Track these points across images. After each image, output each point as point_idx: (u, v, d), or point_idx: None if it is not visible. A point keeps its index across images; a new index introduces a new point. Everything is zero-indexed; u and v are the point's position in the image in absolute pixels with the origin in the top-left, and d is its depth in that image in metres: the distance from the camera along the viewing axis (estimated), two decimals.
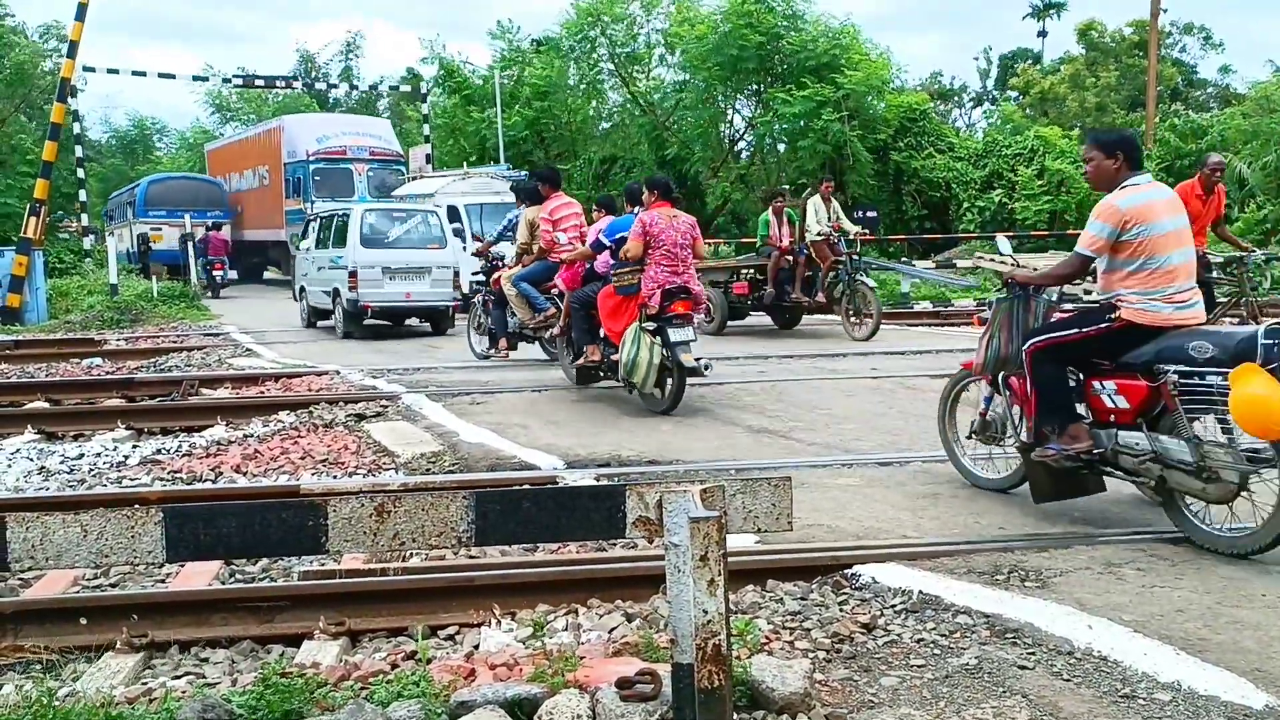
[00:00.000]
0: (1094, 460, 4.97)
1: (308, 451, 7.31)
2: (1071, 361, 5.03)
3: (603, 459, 6.63)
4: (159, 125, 57.59)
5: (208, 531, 2.87)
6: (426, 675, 3.38)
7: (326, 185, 26.63)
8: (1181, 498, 4.67)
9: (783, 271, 14.20)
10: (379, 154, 28.15)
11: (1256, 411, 4.13)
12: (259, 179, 30.38)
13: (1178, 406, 4.56)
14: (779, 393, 9.11)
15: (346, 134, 28.36)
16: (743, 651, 3.46)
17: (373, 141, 28.47)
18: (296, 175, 27.35)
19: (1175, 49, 47.40)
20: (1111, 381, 4.85)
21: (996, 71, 52.89)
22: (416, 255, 15.19)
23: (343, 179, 27.09)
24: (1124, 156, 4.90)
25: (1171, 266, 4.76)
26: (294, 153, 27.68)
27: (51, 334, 16.93)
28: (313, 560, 4.92)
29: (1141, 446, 4.72)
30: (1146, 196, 4.83)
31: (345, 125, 30.01)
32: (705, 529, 2.75)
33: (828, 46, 25.90)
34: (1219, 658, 3.40)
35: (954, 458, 5.99)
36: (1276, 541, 4.30)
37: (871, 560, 4.42)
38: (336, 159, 27.32)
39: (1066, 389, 5.03)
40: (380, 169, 27.72)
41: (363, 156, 27.70)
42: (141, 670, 3.95)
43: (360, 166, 27.44)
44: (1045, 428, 5.06)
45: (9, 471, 7.18)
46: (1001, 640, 3.61)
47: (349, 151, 27.56)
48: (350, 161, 27.39)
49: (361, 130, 29.48)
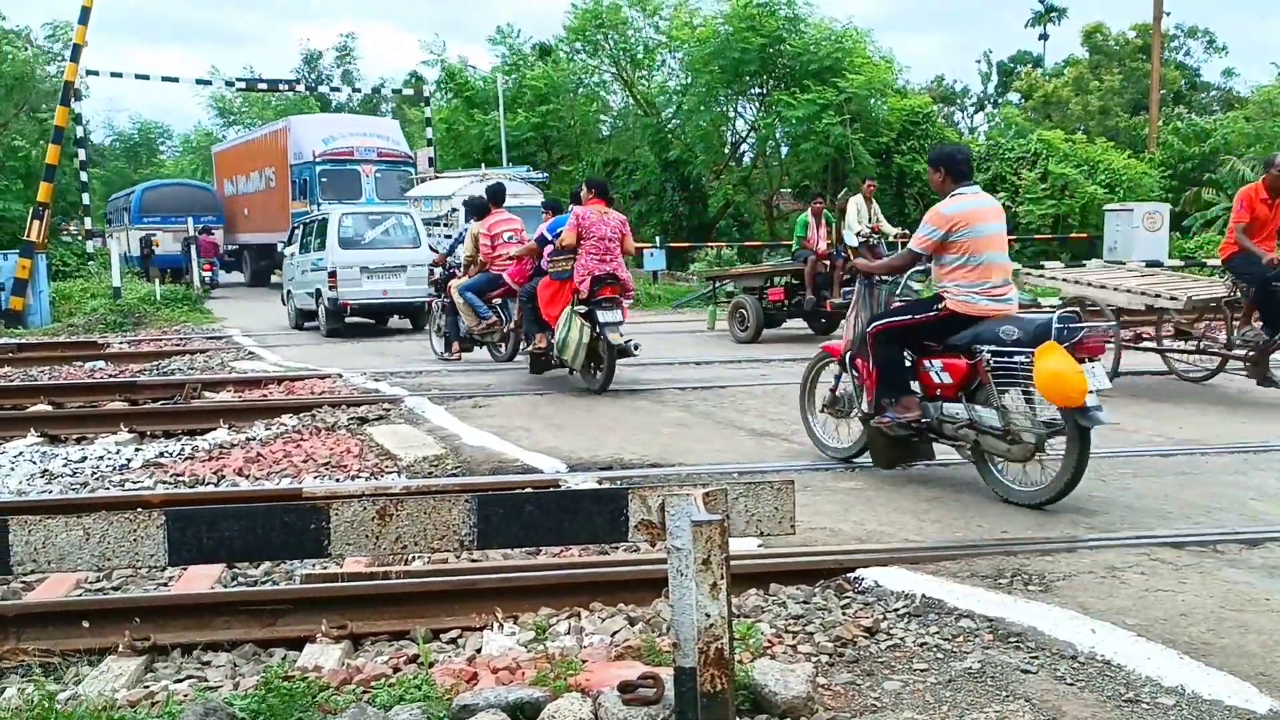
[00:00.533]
0: (923, 428, 5.81)
1: (310, 455, 7.31)
2: (906, 343, 5.87)
3: (605, 462, 6.63)
4: (162, 129, 57.69)
5: (210, 535, 2.87)
6: (429, 679, 3.38)
7: (333, 187, 26.10)
8: (991, 459, 5.56)
9: (820, 276, 13.64)
10: (387, 155, 27.48)
11: (1055, 382, 5.01)
12: (265, 181, 29.88)
13: (990, 381, 5.40)
14: (781, 396, 9.10)
15: (354, 134, 27.72)
16: (745, 655, 3.45)
17: (380, 142, 27.84)
18: (303, 177, 26.79)
19: (1179, 52, 47.35)
20: (939, 360, 5.71)
21: (997, 76, 52.89)
22: (392, 255, 16.12)
23: (350, 180, 26.48)
24: (945, 171, 5.77)
25: (989, 264, 5.61)
26: (300, 154, 27.10)
27: (54, 337, 16.94)
28: (315, 563, 4.91)
29: (961, 416, 5.59)
30: (970, 204, 5.67)
31: (352, 126, 29.30)
32: (708, 532, 2.75)
33: (830, 50, 25.88)
34: (1223, 662, 3.39)
35: (810, 430, 6.77)
36: (1062, 494, 5.23)
37: (874, 564, 4.42)
38: (344, 160, 26.65)
39: (902, 366, 5.87)
40: (389, 170, 27.11)
41: (370, 157, 27.02)
42: (143, 673, 3.95)
43: (368, 168, 26.81)
44: (883, 400, 5.86)
45: (12, 474, 7.18)
46: (1004, 644, 3.60)
47: (356, 152, 26.89)
48: (358, 163, 26.74)
49: (369, 131, 28.80)
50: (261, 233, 30.20)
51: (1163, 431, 7.32)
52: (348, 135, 27.41)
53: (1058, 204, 25.25)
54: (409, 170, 27.47)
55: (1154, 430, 7.37)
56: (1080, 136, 28.83)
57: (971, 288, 5.59)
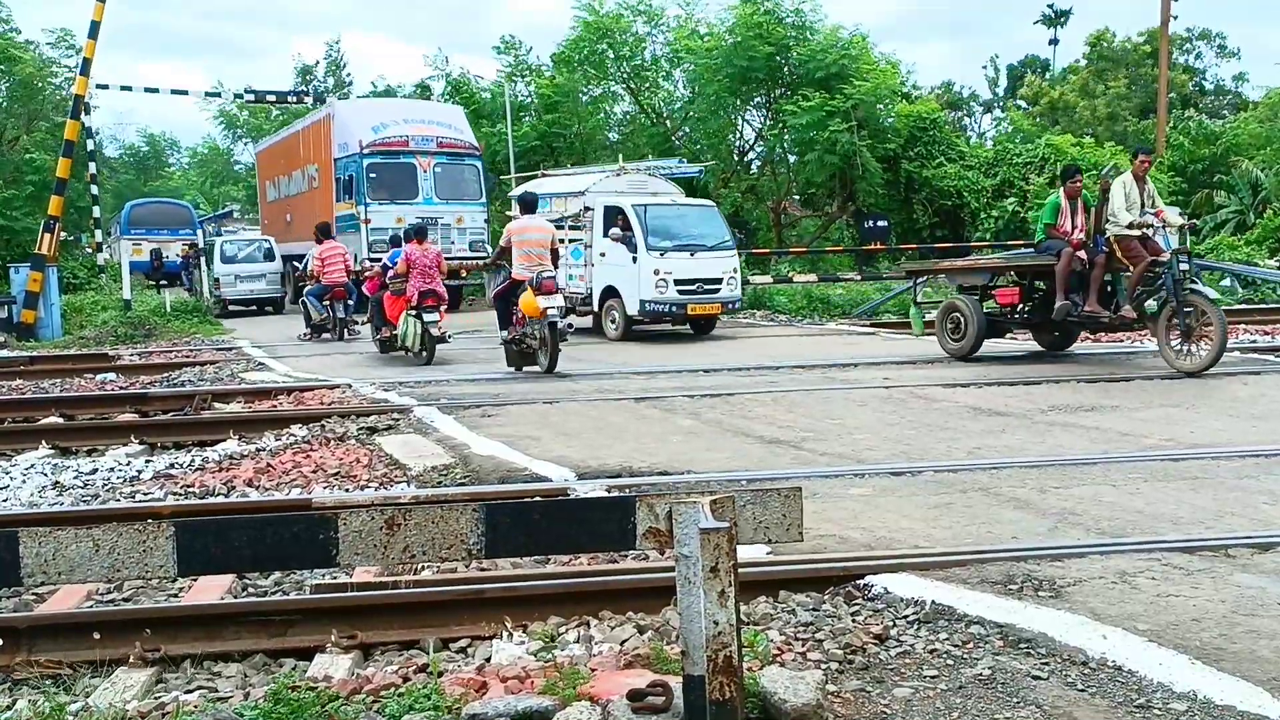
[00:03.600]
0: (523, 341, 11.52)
1: (320, 465, 7.33)
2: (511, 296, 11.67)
3: (614, 470, 6.63)
4: (170, 141, 58.04)
5: (220, 545, 2.88)
6: (438, 688, 3.38)
7: (384, 184, 22.22)
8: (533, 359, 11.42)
9: (1074, 275, 11.00)
10: (449, 145, 23.12)
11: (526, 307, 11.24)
12: (308, 180, 26.04)
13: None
14: (790, 403, 9.09)
15: (409, 121, 23.38)
16: (754, 663, 3.44)
17: (441, 130, 23.47)
18: (348, 173, 22.82)
19: (1189, 55, 47.26)
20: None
21: (1006, 81, 52.80)
22: (256, 267, 24.63)
23: (404, 177, 22.43)
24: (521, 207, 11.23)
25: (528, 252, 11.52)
26: (345, 145, 22.92)
27: (66, 349, 17.03)
28: (324, 573, 4.92)
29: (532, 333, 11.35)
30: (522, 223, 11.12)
31: (407, 111, 25.02)
32: (716, 540, 2.75)
33: (837, 57, 25.93)
34: (1235, 667, 3.37)
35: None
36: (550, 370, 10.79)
37: (884, 570, 4.40)
38: (397, 151, 22.45)
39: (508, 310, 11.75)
40: (451, 164, 23.01)
41: (428, 148, 22.75)
42: (154, 685, 3.95)
43: (425, 160, 22.60)
44: (503, 331, 11.84)
45: (23, 487, 7.21)
46: (1015, 650, 3.58)
47: (411, 142, 22.62)
48: (413, 154, 22.53)
49: (427, 117, 24.41)
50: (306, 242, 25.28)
51: (1173, 436, 7.29)
52: (401, 122, 23.23)
53: None
54: (476, 164, 23.62)
55: (1165, 435, 7.34)
56: (1089, 140, 28.78)
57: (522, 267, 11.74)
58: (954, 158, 27.89)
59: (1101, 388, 9.57)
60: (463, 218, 22.76)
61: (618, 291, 15.69)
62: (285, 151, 28.30)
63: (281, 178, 28.54)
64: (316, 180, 25.17)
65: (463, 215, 22.79)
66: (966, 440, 7.31)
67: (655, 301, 15.21)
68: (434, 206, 22.20)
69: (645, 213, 15.48)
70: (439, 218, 21.99)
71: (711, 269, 15.60)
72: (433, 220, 21.06)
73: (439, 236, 21.14)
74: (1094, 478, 6.08)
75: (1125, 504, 5.49)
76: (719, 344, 15.15)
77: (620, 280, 15.63)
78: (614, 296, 15.81)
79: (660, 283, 15.12)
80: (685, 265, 15.25)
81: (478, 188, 23.49)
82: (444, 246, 20.97)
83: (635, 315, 15.45)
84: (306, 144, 26.15)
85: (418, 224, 15.23)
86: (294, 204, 27.20)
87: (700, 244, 15.64)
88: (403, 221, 20.22)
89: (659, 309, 15.36)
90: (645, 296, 15.17)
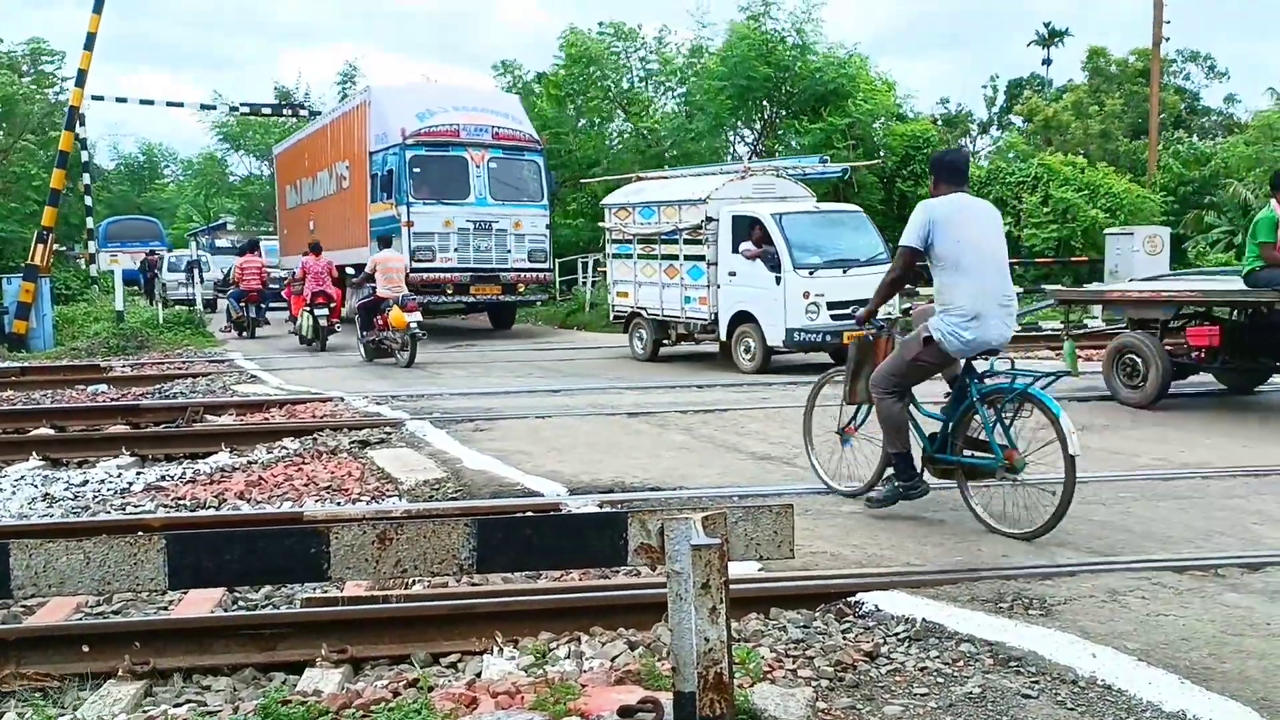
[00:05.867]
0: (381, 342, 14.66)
1: (311, 478, 7.32)
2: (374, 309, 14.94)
3: (606, 486, 6.63)
4: (165, 151, 58.04)
5: (210, 558, 2.88)
6: (428, 703, 3.37)
7: (429, 181, 18.84)
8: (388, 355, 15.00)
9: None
10: (506, 137, 19.76)
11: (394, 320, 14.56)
12: (336, 180, 22.58)
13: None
14: (783, 419, 9.10)
15: (460, 108, 19.93)
16: (745, 680, 3.44)
17: (497, 119, 20.06)
18: (387, 168, 19.40)
19: (1179, 76, 47.52)
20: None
21: (1003, 99, 53.07)
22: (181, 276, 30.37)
23: (453, 172, 19.11)
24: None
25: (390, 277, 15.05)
26: (384, 136, 19.61)
27: (57, 360, 16.98)
28: (315, 587, 4.91)
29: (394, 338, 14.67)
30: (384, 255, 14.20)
31: (457, 96, 21.07)
32: (707, 556, 2.75)
33: (835, 75, 26.08)
34: (1224, 687, 3.38)
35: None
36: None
37: (875, 588, 4.41)
38: (445, 143, 19.11)
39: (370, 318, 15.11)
40: (507, 158, 19.69)
41: (482, 139, 19.40)
42: (143, 698, 3.94)
43: (478, 154, 19.28)
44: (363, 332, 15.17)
45: (13, 498, 7.19)
46: (1005, 669, 3.59)
47: (463, 132, 19.27)
48: (464, 146, 19.18)
49: (480, 104, 20.76)
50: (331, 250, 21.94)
51: (1165, 456, 7.32)
52: (450, 109, 19.85)
53: (1060, 228, 25.31)
54: (537, 159, 20.21)
55: (1156, 454, 7.36)
56: (1081, 160, 28.92)
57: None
58: None
59: (1092, 405, 9.60)
60: (521, 222, 19.53)
61: (753, 317, 13.06)
62: (309, 150, 25.04)
63: (304, 180, 25.35)
64: (348, 179, 21.77)
65: (521, 219, 19.54)
66: None
67: (805, 330, 12.58)
68: (487, 208, 19.20)
69: (788, 223, 12.96)
70: (493, 222, 19.22)
71: (867, 288, 12.25)
72: (485, 224, 18.99)
73: (492, 244, 19.12)
74: (1084, 496, 6.08)
75: (1116, 523, 5.50)
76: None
77: (757, 304, 13.00)
78: (748, 323, 13.18)
79: (811, 307, 12.54)
80: (838, 285, 12.60)
81: (539, 187, 20.04)
82: (498, 256, 19.18)
83: (778, 345, 12.83)
84: (336, 138, 22.75)
85: (313, 242, 18.95)
86: (319, 209, 24.03)
87: (853, 259, 13.01)
88: (451, 225, 18.67)
89: (809, 338, 12.66)
90: (793, 324, 12.56)
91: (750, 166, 15.18)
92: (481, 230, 19.07)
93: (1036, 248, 25.29)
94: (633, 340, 15.41)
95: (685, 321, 14.20)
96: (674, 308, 14.39)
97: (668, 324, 14.69)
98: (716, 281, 13.60)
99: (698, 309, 13.92)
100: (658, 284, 14.63)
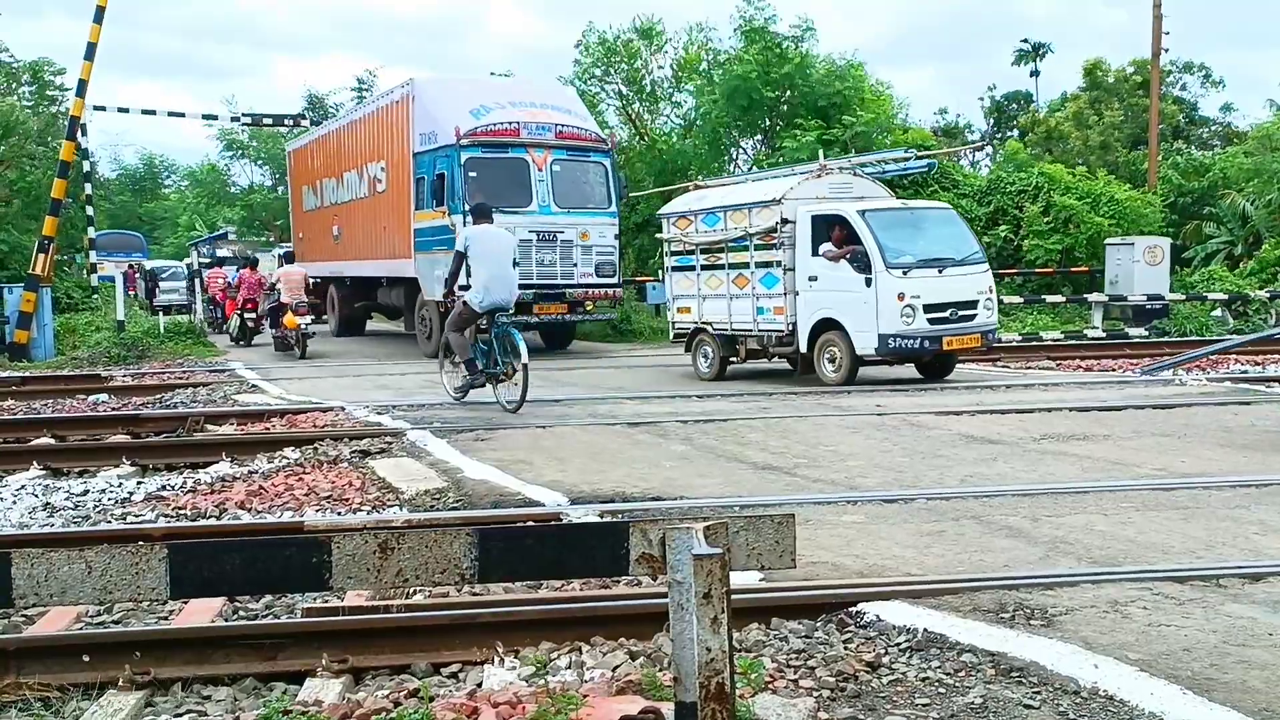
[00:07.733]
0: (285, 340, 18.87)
1: (312, 488, 7.31)
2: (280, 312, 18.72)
3: (607, 495, 6.62)
4: (167, 161, 58.16)
5: (211, 568, 2.88)
6: (429, 713, 3.37)
7: (486, 186, 16.20)
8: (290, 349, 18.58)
9: None
10: (570, 136, 17.86)
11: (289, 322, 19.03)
12: (367, 183, 20.61)
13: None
14: (784, 429, 9.10)
15: (517, 104, 18.00)
16: (746, 690, 3.44)
17: (560, 117, 18.15)
18: (437, 170, 17.39)
19: (1176, 87, 47.61)
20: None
21: (989, 124, 53.43)
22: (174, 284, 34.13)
23: (513, 176, 17.10)
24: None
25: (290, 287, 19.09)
26: (432, 135, 17.58)
27: (58, 370, 16.99)
28: (316, 597, 4.90)
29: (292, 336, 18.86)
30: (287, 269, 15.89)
31: (513, 91, 19.26)
32: (708, 566, 2.75)
33: (838, 87, 26.19)
34: (1226, 697, 3.37)
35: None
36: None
37: (876, 598, 4.40)
38: (505, 143, 17.18)
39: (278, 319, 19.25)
40: (572, 160, 17.82)
41: (545, 139, 17.49)
42: (143, 708, 3.93)
43: (540, 156, 17.32)
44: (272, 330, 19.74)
45: (14, 508, 7.18)
46: (1007, 679, 3.58)
47: (524, 131, 17.34)
48: (525, 147, 17.28)
49: (540, 99, 18.81)
50: (360, 260, 21.26)
51: (1166, 466, 7.32)
52: (507, 105, 17.90)
53: (1063, 237, 25.27)
54: (604, 161, 18.31)
55: (1157, 464, 7.36)
56: (1082, 169, 28.96)
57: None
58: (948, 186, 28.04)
59: (1094, 416, 9.60)
60: (588, 232, 17.64)
61: (839, 324, 12.27)
62: (333, 148, 22.97)
63: (326, 181, 23.23)
64: (383, 182, 19.75)
65: (588, 229, 17.67)
66: (959, 468, 7.33)
67: (901, 335, 11.84)
68: (551, 216, 17.23)
69: (876, 220, 12.15)
70: (558, 232, 17.31)
71: (964, 289, 12.30)
72: (549, 235, 17.15)
73: (557, 257, 17.15)
74: (1086, 506, 6.10)
75: (1117, 533, 5.50)
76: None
77: (843, 309, 12.19)
78: (832, 330, 12.38)
79: (906, 310, 11.80)
80: (934, 286, 12.01)
81: (606, 192, 18.18)
82: (564, 270, 17.23)
83: (869, 354, 12.06)
84: (368, 136, 20.66)
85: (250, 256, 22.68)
86: (345, 213, 22.02)
87: (947, 258, 12.37)
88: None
89: (907, 345, 11.92)
90: (887, 330, 11.81)
91: (826, 163, 14.06)
92: (545, 242, 17.10)
93: (1039, 258, 25.26)
94: (696, 358, 14.13)
95: (758, 334, 13.20)
96: (744, 320, 13.32)
97: (736, 339, 13.59)
98: (794, 288, 12.73)
99: (773, 319, 12.97)
100: (725, 296, 13.57)
